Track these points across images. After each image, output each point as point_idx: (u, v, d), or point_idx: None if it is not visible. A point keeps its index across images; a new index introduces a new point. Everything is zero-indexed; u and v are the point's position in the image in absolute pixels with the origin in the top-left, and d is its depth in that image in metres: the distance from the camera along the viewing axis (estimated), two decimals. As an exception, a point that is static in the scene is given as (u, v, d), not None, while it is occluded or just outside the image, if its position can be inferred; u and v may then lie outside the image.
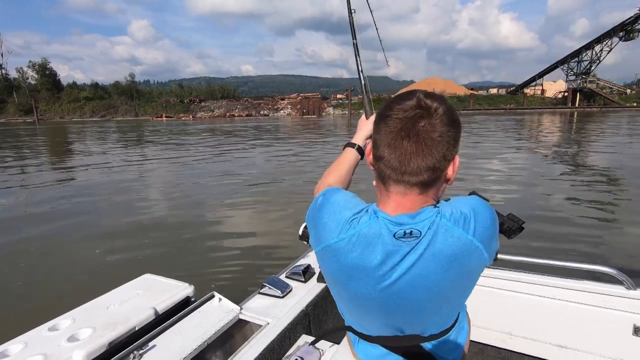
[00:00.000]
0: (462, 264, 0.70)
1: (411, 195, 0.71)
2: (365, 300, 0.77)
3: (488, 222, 0.72)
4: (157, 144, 18.19)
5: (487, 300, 1.53)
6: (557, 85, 61.42)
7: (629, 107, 48.63)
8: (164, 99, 71.11)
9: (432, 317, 0.79)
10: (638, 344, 1.30)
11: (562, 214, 5.40)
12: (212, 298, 1.46)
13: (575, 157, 11.77)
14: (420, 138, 0.65)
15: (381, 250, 0.70)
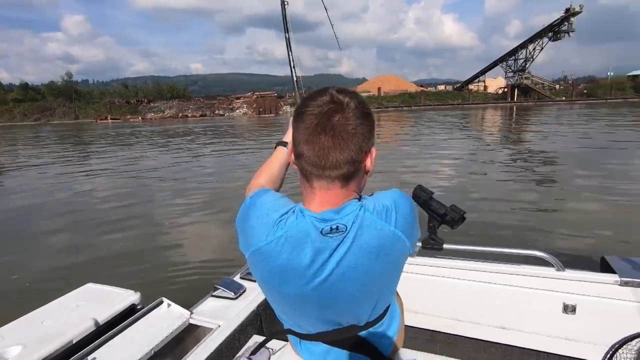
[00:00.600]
0: (388, 253, 0.74)
1: (334, 189, 0.73)
2: (300, 300, 0.78)
3: (408, 213, 0.76)
4: (103, 148, 16.96)
5: (435, 289, 1.60)
6: (498, 82, 66.30)
7: (558, 101, 53.87)
8: (108, 99, 66.34)
9: (365, 307, 0.82)
10: (567, 320, 1.41)
11: (501, 202, 5.76)
12: (160, 304, 1.42)
13: (515, 145, 12.83)
14: (336, 132, 0.68)
15: (310, 248, 0.71)
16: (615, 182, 6.56)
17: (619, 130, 15.98)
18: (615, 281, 1.30)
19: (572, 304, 1.39)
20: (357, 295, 0.78)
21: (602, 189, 6.14)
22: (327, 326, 0.85)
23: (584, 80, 72.65)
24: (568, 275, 1.37)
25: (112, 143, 19.70)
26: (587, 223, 4.62)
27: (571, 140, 13.23)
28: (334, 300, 0.77)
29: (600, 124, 19.00)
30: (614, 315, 1.33)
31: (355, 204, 0.73)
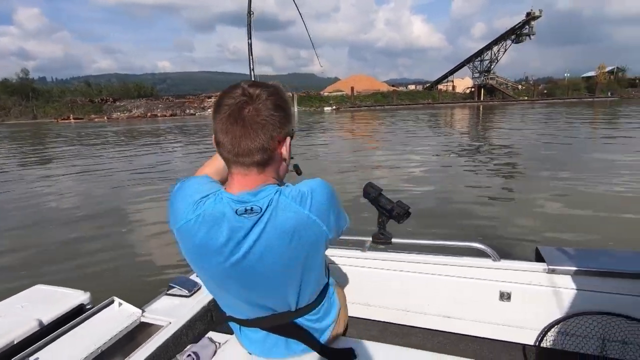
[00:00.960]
0: (302, 235, 0.78)
1: (251, 175, 0.79)
2: (221, 279, 0.83)
3: (324, 199, 0.80)
4: (62, 148, 16.09)
5: (386, 282, 1.68)
6: (465, 82, 68.84)
7: (521, 100, 56.72)
8: (69, 98, 62.66)
9: (290, 291, 0.86)
10: (503, 307, 1.50)
11: (457, 197, 6.04)
12: (111, 303, 1.41)
13: (479, 142, 13.35)
14: (246, 122, 0.74)
15: (226, 227, 0.76)
16: (564, 176, 6.98)
17: (574, 128, 17.06)
18: (544, 269, 1.39)
19: (507, 292, 1.47)
20: (279, 276, 0.82)
21: (552, 184, 6.52)
22: (262, 311, 0.90)
23: (544, 81, 76.83)
24: (503, 265, 1.46)
25: (73, 143, 18.74)
26: (533, 216, 4.91)
27: (531, 137, 13.97)
28: (255, 280, 0.82)
29: (557, 122, 20.28)
30: (544, 301, 1.43)
31: (272, 188, 0.79)
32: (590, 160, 8.65)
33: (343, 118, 33.77)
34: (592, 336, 1.37)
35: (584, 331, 1.38)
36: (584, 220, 4.64)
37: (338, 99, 58.01)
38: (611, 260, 1.37)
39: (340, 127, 23.68)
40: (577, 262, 1.37)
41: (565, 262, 1.38)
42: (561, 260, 1.40)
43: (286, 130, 0.80)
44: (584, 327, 1.38)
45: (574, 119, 22.87)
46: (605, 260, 1.37)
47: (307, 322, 0.96)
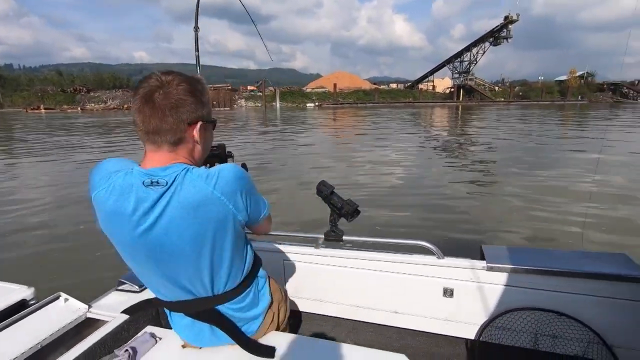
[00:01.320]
0: (207, 211, 0.83)
1: (162, 152, 0.86)
2: (131, 248, 0.88)
3: (230, 179, 0.85)
4: (30, 140, 15.38)
5: (337, 278, 1.72)
6: (445, 82, 70.26)
7: (498, 101, 58.46)
8: (39, 87, 59.74)
9: (204, 271, 0.90)
10: (447, 303, 1.57)
11: (411, 194, 6.20)
12: (57, 299, 1.41)
13: (455, 142, 13.64)
14: (155, 105, 0.81)
15: (134, 197, 0.82)
16: (528, 177, 7.20)
17: (546, 129, 17.71)
18: (483, 267, 1.45)
19: (450, 288, 1.54)
20: (187, 252, 0.86)
21: (514, 184, 6.73)
22: (183, 293, 0.94)
23: (519, 83, 79.32)
24: (446, 262, 1.52)
25: (42, 134, 17.92)
26: (488, 215, 5.09)
27: (503, 137, 14.44)
28: (162, 253, 0.86)
29: (531, 124, 21.01)
30: (484, 297, 1.49)
31: (181, 166, 0.85)
32: (554, 162, 8.91)
33: (325, 115, 33.74)
34: (525, 330, 1.44)
35: (518, 326, 1.45)
36: (536, 220, 4.82)
37: (320, 96, 57.94)
38: (545, 259, 1.43)
39: (321, 123, 23.66)
40: (514, 260, 1.44)
41: (503, 260, 1.44)
42: (500, 258, 1.46)
43: (197, 115, 0.87)
44: (518, 322, 1.45)
45: (547, 120, 23.85)
46: (540, 259, 1.43)
47: (231, 310, 1.00)
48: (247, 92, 60.27)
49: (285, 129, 19.33)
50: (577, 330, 1.38)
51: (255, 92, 58.83)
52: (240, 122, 25.48)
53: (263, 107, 49.80)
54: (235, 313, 1.01)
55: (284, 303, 1.19)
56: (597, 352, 1.36)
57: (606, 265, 1.35)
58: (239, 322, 1.03)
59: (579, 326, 1.37)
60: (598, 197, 5.78)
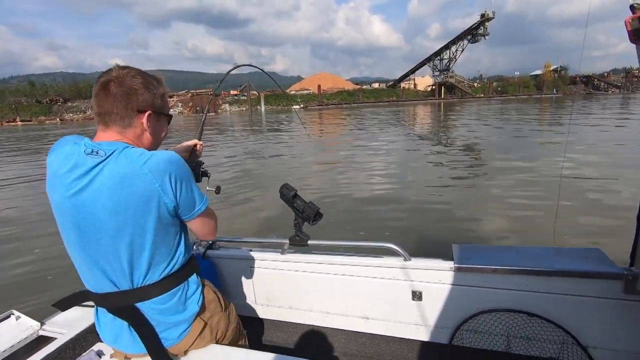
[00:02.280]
0: (132, 184, 0.88)
1: (110, 132, 0.96)
2: (61, 214, 0.94)
3: (162, 161, 0.91)
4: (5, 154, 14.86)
5: (305, 285, 1.67)
6: (425, 80, 71.53)
7: (478, 97, 60.03)
8: (12, 98, 57.49)
9: (125, 253, 0.92)
10: (416, 306, 1.50)
11: (386, 194, 6.09)
12: (8, 317, 1.41)
13: (438, 139, 13.72)
14: (108, 91, 0.92)
15: (73, 162, 0.91)
16: (507, 172, 7.16)
17: (526, 122, 18.09)
18: (451, 267, 1.39)
19: (419, 291, 1.47)
20: (108, 225, 0.89)
21: (494, 180, 6.69)
22: (106, 283, 0.96)
23: (494, 79, 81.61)
24: (413, 264, 1.46)
25: (16, 147, 17.31)
26: (462, 212, 4.99)
27: (486, 132, 14.60)
28: (85, 219, 0.90)
29: (510, 118, 21.35)
30: (453, 299, 1.43)
31: (123, 144, 0.93)
32: (531, 156, 8.71)
33: (310, 116, 33.80)
34: (497, 333, 1.39)
35: (489, 328, 1.39)
36: (510, 216, 4.72)
37: (305, 98, 58.00)
38: (516, 257, 1.37)
39: (306, 125, 23.63)
40: (483, 259, 1.37)
41: (472, 260, 1.38)
42: (469, 258, 1.39)
43: (146, 104, 0.96)
44: (489, 324, 1.39)
45: (526, 113, 24.42)
46: (510, 258, 1.37)
47: (152, 311, 0.99)
48: (231, 96, 59.72)
49: (269, 133, 19.26)
50: (550, 331, 1.32)
51: (239, 97, 58.38)
52: (225, 127, 25.24)
53: (249, 111, 49.43)
54: (157, 315, 0.99)
55: (223, 315, 1.15)
56: (571, 353, 1.31)
57: (578, 262, 1.29)
58: (159, 325, 1.00)
59: (552, 327, 1.32)
60: (570, 190, 5.65)
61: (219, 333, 1.12)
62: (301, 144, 14.29)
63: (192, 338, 1.05)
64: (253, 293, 1.78)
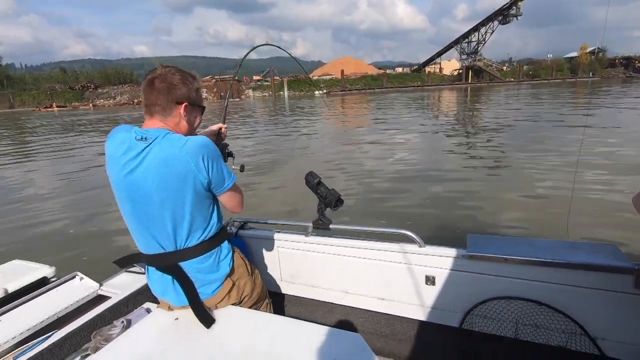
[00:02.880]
0: (172, 165, 1.06)
1: (154, 120, 1.15)
2: (118, 189, 1.12)
3: (196, 144, 1.08)
4: (49, 138, 15.70)
5: (327, 265, 1.79)
6: (452, 64, 69.12)
7: (508, 81, 57.57)
8: (48, 85, 60.04)
9: (169, 221, 1.10)
10: (429, 290, 1.59)
11: (410, 181, 6.13)
12: (73, 278, 1.66)
13: (466, 126, 13.42)
14: (154, 87, 1.12)
15: (126, 146, 1.09)
16: (531, 162, 6.94)
17: (558, 109, 17.08)
18: (464, 255, 1.46)
19: (432, 276, 1.56)
20: (154, 198, 1.08)
21: (515, 169, 6.54)
22: (154, 245, 1.15)
23: (525, 62, 77.89)
24: (428, 251, 1.54)
25: (64, 132, 18.23)
26: (482, 204, 4.93)
27: (517, 118, 13.99)
28: (136, 194, 1.09)
29: (543, 103, 20.44)
30: (465, 285, 1.50)
31: (165, 130, 1.11)
32: (559, 145, 8.38)
33: (333, 102, 33.61)
34: (506, 319, 1.45)
35: (498, 314, 1.46)
36: (530, 209, 4.68)
37: (328, 83, 57.54)
38: (529, 249, 1.41)
39: (329, 111, 23.47)
40: (496, 249, 1.43)
41: (485, 249, 1.44)
42: (482, 246, 1.46)
43: (183, 97, 1.14)
44: (499, 311, 1.45)
45: (560, 99, 23.16)
46: (523, 249, 1.41)
47: (193, 270, 1.17)
48: (254, 82, 60.02)
49: (293, 118, 19.38)
50: (559, 321, 1.37)
51: (262, 82, 58.58)
52: (249, 112, 25.55)
53: (272, 97, 49.62)
54: (195, 273, 1.18)
55: (249, 280, 1.32)
56: (579, 343, 1.35)
57: (592, 256, 1.31)
58: (197, 282, 1.19)
59: (561, 317, 1.36)
60: (587, 185, 5.40)
61: (244, 294, 1.30)
62: (324, 129, 14.41)
63: (222, 295, 1.23)
64: (279, 270, 1.93)
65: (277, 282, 1.98)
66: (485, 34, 59.74)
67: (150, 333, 1.17)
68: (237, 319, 1.20)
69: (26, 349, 1.26)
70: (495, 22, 58.71)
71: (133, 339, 1.15)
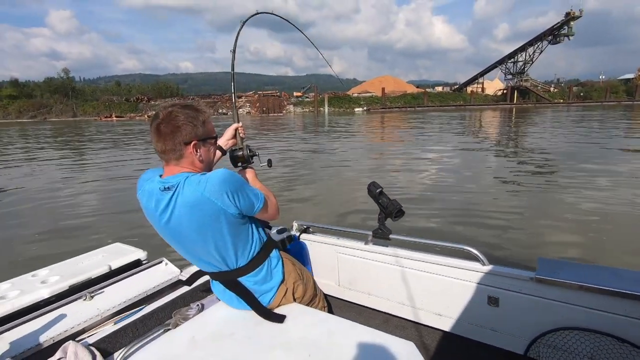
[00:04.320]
0: (200, 209, 1.08)
1: (170, 166, 1.16)
2: (163, 234, 1.19)
3: (216, 182, 1.08)
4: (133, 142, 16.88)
5: (385, 274, 1.76)
6: (494, 84, 67.59)
7: (556, 103, 55.30)
8: (106, 97, 65.16)
9: (214, 251, 1.17)
10: (492, 311, 1.50)
11: (465, 199, 5.98)
12: (160, 262, 1.88)
13: (513, 147, 12.96)
14: (161, 133, 1.11)
15: (154, 199, 1.12)
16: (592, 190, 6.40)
17: (617, 134, 15.75)
18: (532, 277, 1.38)
19: (495, 297, 1.48)
20: (196, 237, 1.14)
21: (582, 195, 6.05)
22: (211, 267, 1.24)
23: (572, 83, 74.44)
24: (491, 270, 1.47)
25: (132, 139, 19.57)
26: (550, 226, 4.70)
27: (569, 143, 12.92)
28: (182, 239, 1.15)
29: (600, 128, 18.65)
30: (532, 310, 1.41)
31: (184, 175, 1.12)
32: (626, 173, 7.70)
33: (375, 119, 33.58)
34: (579, 353, 1.33)
35: (571, 346, 1.34)
36: (604, 236, 4.35)
37: (367, 100, 58.03)
38: (608, 278, 1.30)
39: (373, 127, 23.36)
40: (572, 275, 1.33)
41: (556, 274, 1.35)
42: (553, 271, 1.37)
43: (191, 136, 1.13)
44: (571, 342, 1.34)
45: (618, 124, 21.16)
46: (602, 277, 1.30)
47: (250, 283, 1.27)
48: (294, 98, 61.73)
49: (338, 133, 19.55)
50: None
51: (303, 98, 60.13)
52: (291, 127, 26.10)
53: (314, 112, 50.67)
54: (253, 285, 1.27)
55: (301, 283, 1.39)
56: None
57: None
58: (256, 293, 1.27)
59: None
60: None
61: (296, 296, 1.37)
62: (379, 145, 14.53)
63: (279, 300, 1.32)
64: (337, 276, 1.97)
65: (334, 287, 2.01)
66: (533, 53, 58.14)
67: (220, 317, 1.30)
68: (297, 314, 1.28)
69: (123, 318, 1.47)
70: (544, 42, 57.07)
71: (206, 320, 1.29)
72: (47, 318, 1.42)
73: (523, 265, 1.53)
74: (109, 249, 2.04)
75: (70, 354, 1.17)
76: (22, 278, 1.71)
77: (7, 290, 1.58)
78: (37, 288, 1.58)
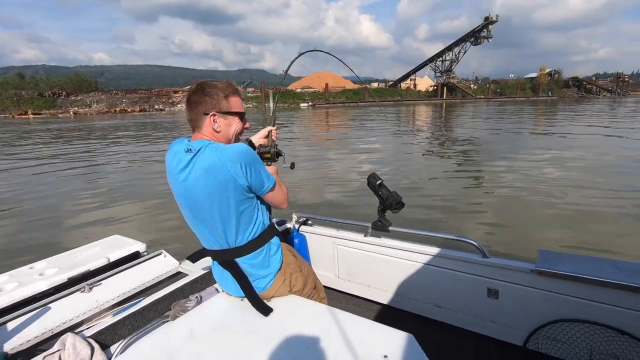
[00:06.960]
0: (214, 174, 1.13)
1: (196, 133, 1.24)
2: (177, 196, 1.23)
3: (234, 152, 1.15)
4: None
5: (383, 266, 1.77)
6: (425, 81, 73.19)
7: (479, 98, 61.98)
8: (13, 91, 56.27)
9: (219, 222, 1.19)
10: (491, 303, 1.50)
11: (435, 191, 6.14)
12: (159, 254, 1.87)
13: (449, 138, 13.84)
14: (190, 104, 1.22)
15: (178, 158, 1.18)
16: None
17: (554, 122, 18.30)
18: (532, 270, 1.37)
19: (495, 289, 1.48)
20: (203, 202, 1.17)
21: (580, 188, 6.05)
22: (212, 242, 1.25)
23: (487, 81, 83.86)
24: (491, 262, 1.46)
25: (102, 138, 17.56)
26: (548, 219, 4.72)
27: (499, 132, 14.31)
28: (191, 199, 1.18)
29: (520, 118, 21.46)
30: (531, 302, 1.41)
31: (206, 141, 1.18)
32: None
33: (324, 114, 34.03)
34: (578, 344, 1.33)
35: (570, 338, 1.35)
36: (607, 229, 4.35)
37: (311, 96, 58.67)
38: (608, 270, 1.28)
39: (331, 122, 23.16)
40: (572, 267, 1.32)
41: (556, 266, 1.34)
42: (554, 263, 1.36)
43: (208, 108, 1.21)
44: (571, 334, 1.34)
45: (532, 115, 24.63)
46: (602, 269, 1.29)
47: (246, 265, 1.26)
48: (236, 93, 59.62)
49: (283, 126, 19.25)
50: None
51: (245, 94, 58.61)
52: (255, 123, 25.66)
53: (259, 108, 49.77)
54: (249, 268, 1.26)
55: (300, 275, 1.37)
56: None
57: None
58: (251, 276, 1.27)
59: None
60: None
61: (295, 288, 1.35)
62: (381, 136, 15.00)
63: (275, 289, 1.30)
64: (336, 267, 1.97)
65: (333, 278, 2.02)
66: (458, 53, 64.34)
67: (219, 309, 1.29)
68: (296, 306, 1.26)
69: (121, 310, 1.47)
70: (467, 43, 63.39)
71: (205, 312, 1.28)
72: (46, 310, 1.41)
73: (517, 255, 1.65)
74: (107, 241, 1.99)
75: (69, 345, 1.16)
76: (20, 270, 1.68)
77: (5, 282, 1.55)
78: (35, 280, 1.56)
